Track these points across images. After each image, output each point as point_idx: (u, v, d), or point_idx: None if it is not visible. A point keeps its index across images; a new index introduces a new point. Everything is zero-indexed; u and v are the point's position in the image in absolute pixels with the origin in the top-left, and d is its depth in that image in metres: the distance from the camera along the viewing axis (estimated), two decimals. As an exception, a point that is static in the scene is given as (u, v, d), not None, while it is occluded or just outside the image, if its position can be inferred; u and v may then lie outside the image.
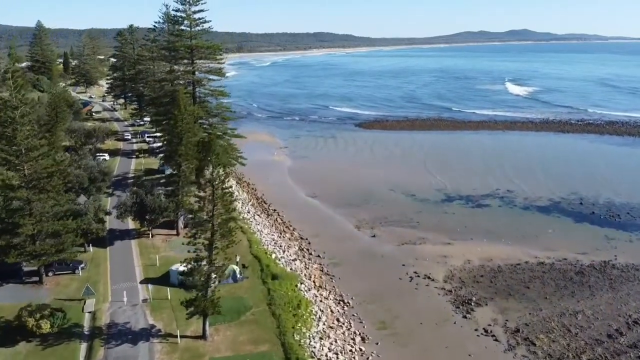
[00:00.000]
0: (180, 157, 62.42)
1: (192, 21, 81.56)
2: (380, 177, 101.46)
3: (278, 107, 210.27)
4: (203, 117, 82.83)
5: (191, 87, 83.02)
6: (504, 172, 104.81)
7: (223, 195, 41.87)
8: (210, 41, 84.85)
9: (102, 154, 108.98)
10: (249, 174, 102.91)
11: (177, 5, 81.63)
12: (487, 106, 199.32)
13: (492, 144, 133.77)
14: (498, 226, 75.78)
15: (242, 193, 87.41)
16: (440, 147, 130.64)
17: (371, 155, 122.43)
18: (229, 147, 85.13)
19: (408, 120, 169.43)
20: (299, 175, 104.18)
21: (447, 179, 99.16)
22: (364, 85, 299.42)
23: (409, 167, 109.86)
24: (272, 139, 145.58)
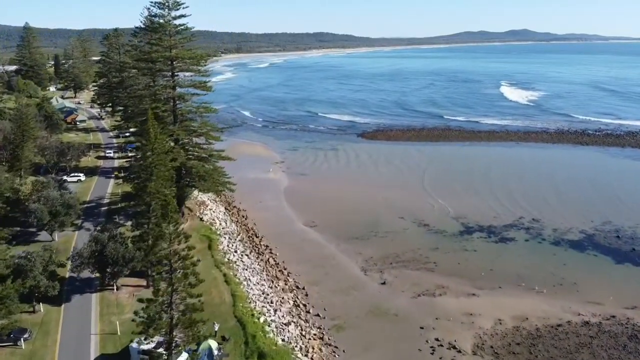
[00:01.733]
0: (150, 195, 51.36)
1: (172, 28, 70.47)
2: (387, 201, 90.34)
3: (274, 114, 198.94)
4: (185, 139, 71.68)
5: (171, 103, 72.00)
6: (526, 196, 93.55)
7: (185, 276, 30.81)
8: (193, 50, 73.61)
9: (78, 174, 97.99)
10: (240, 197, 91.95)
11: (155, 9, 70.73)
12: (494, 114, 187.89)
13: (507, 159, 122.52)
14: (528, 269, 64.69)
15: (230, 224, 76.16)
16: (452, 162, 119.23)
17: (376, 173, 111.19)
18: (216, 172, 73.97)
19: (414, 130, 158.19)
20: (296, 198, 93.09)
21: (463, 205, 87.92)
22: (364, 90, 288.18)
23: (419, 188, 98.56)
24: (268, 152, 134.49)
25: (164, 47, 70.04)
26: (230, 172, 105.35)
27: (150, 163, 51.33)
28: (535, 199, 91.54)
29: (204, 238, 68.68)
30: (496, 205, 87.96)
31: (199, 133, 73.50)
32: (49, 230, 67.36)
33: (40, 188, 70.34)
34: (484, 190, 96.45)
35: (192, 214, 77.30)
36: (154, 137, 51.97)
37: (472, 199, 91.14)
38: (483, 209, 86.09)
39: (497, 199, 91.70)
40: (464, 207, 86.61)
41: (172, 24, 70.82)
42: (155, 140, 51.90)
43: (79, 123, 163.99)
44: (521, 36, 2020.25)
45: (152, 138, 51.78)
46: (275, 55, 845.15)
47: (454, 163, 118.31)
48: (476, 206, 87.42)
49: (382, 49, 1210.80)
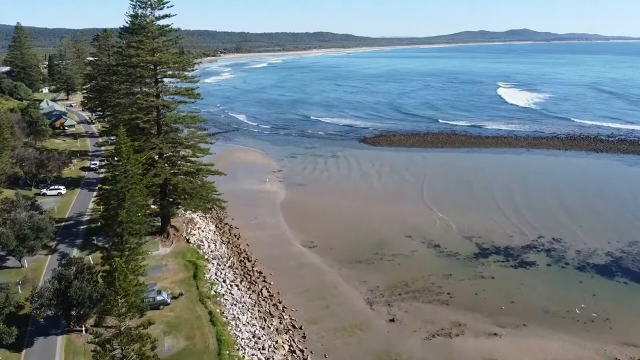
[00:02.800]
0: (121, 225, 44.19)
1: (155, 30, 63.29)
2: (393, 217, 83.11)
3: (272, 118, 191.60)
4: (169, 152, 64.44)
5: (155, 112, 64.79)
6: (543, 210, 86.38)
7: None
8: (179, 55, 66.40)
9: (58, 187, 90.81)
10: (234, 211, 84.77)
11: (136, 9, 63.36)
12: (499, 118, 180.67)
13: (519, 168, 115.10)
14: (554, 301, 57.52)
15: (220, 246, 68.86)
16: (459, 171, 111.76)
17: (379, 183, 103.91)
18: (204, 188, 66.73)
19: (418, 135, 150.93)
20: (293, 213, 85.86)
21: (476, 222, 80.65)
22: (363, 92, 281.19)
23: (427, 201, 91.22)
24: (265, 159, 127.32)
25: (146, 51, 62.84)
26: (224, 182, 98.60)
27: (122, 187, 44.17)
28: (553, 215, 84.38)
29: (190, 265, 61.47)
30: (512, 222, 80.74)
31: (185, 145, 66.28)
32: (17, 256, 60.25)
33: (8, 208, 63.14)
34: (497, 204, 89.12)
35: (178, 234, 70.11)
36: (127, 157, 44.76)
37: (485, 215, 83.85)
38: (498, 227, 78.87)
39: (512, 214, 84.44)
40: (477, 225, 79.32)
41: (155, 25, 63.63)
42: (128, 161, 44.70)
43: (68, 128, 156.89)
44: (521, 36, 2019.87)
45: (125, 157, 44.59)
46: (275, 56, 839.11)
47: (462, 172, 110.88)
48: (490, 223, 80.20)
49: (383, 48, 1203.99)
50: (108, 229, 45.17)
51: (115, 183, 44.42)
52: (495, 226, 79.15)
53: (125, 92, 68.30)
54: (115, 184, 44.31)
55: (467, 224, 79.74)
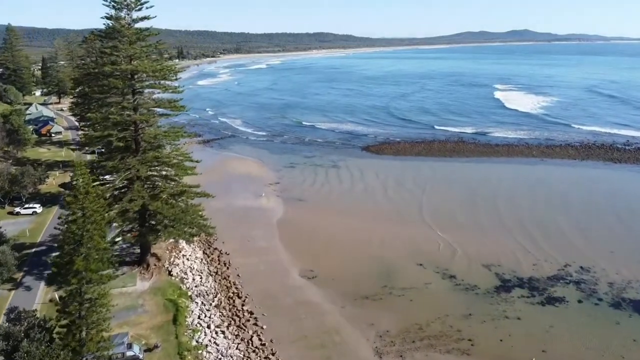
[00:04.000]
0: (78, 275, 36.16)
1: (132, 34, 55.31)
2: (401, 240, 75.06)
3: (270, 123, 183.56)
4: (148, 173, 56.30)
5: (133, 128, 56.77)
6: (566, 232, 78.20)
7: None
8: (160, 62, 58.18)
9: (34, 206, 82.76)
10: (225, 232, 76.84)
11: (110, 10, 55.40)
12: (507, 124, 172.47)
13: (535, 181, 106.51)
14: (591, 351, 49.49)
15: (207, 278, 60.69)
16: (470, 185, 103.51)
17: (385, 198, 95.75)
18: (188, 214, 58.62)
19: (424, 143, 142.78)
20: (291, 234, 77.79)
21: (493, 247, 72.45)
22: (364, 95, 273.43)
23: (438, 220, 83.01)
24: (262, 169, 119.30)
25: (121, 58, 54.89)
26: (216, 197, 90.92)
27: (78, 229, 36.15)
28: (579, 237, 76.28)
29: (170, 305, 53.38)
30: (534, 247, 72.63)
31: (167, 164, 58.19)
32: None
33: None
34: (516, 225, 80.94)
35: (160, 264, 62.02)
36: (84, 191, 36.71)
37: (503, 238, 75.70)
38: (519, 253, 70.75)
39: (532, 237, 76.30)
40: (498, 250, 71.23)
41: (132, 28, 55.63)
42: (86, 196, 36.60)
43: (54, 135, 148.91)
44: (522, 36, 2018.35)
45: (82, 192, 36.53)
46: (275, 56, 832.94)
47: (475, 186, 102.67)
48: (510, 248, 72.06)
49: (383, 49, 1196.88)
50: (62, 279, 37.23)
51: (70, 223, 36.42)
52: (517, 251, 71.08)
53: (100, 104, 60.20)
54: (71, 224, 36.33)
55: (486, 249, 71.61)
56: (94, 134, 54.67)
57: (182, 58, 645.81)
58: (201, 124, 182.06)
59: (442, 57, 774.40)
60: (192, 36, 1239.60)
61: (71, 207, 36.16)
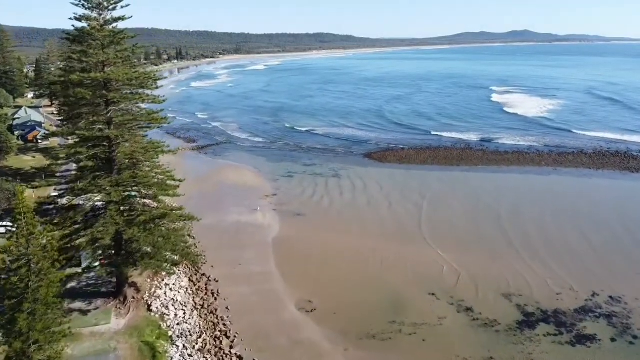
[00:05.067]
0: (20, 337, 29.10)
1: (105, 37, 48.31)
2: (411, 264, 67.90)
3: (268, 128, 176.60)
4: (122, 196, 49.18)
5: (106, 144, 49.82)
6: (590, 254, 71.02)
7: None
8: (137, 70, 51.05)
9: (8, 224, 75.57)
10: (214, 254, 69.97)
11: (80, 10, 48.40)
12: (514, 129, 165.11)
13: (550, 193, 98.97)
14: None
15: (190, 314, 53.50)
16: (482, 198, 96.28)
17: (391, 213, 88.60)
18: (169, 242, 51.53)
19: (429, 150, 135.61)
20: (288, 256, 70.72)
21: (513, 273, 65.17)
22: (367, 97, 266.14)
23: (449, 240, 75.82)
24: (258, 179, 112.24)
25: (92, 65, 47.93)
26: (207, 211, 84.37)
27: (21, 280, 29.13)
28: (604, 260, 69.22)
29: (146, 349, 46.27)
30: (555, 272, 65.51)
31: (146, 185, 51.10)
32: None
33: None
34: (535, 246, 73.73)
35: (139, 297, 54.91)
36: (28, 233, 29.61)
37: (522, 261, 68.53)
38: (540, 279, 63.63)
39: (553, 260, 69.13)
40: (518, 276, 64.02)
41: (105, 30, 48.59)
42: (30, 238, 29.50)
43: (41, 140, 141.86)
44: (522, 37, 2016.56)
45: (24, 235, 29.42)
46: (274, 57, 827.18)
47: (484, 198, 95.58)
48: (531, 274, 64.94)
49: (384, 50, 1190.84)
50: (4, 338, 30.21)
51: (11, 272, 29.39)
52: (538, 278, 63.97)
53: (71, 115, 53.18)
54: (13, 273, 29.28)
55: (504, 274, 64.56)
56: (59, 153, 47.71)
57: (181, 59, 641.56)
58: (196, 129, 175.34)
59: (442, 57, 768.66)
60: (192, 37, 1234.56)
61: (10, 252, 29.09)
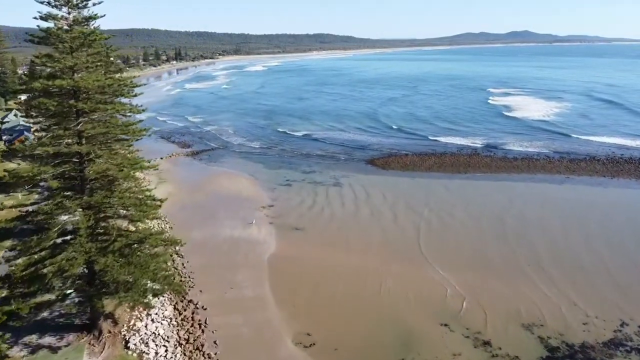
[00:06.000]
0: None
1: (74, 39, 42.21)
2: (419, 288, 61.69)
3: (266, 132, 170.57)
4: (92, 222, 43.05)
5: (77, 160, 43.71)
6: (613, 277, 64.51)
7: None
8: (112, 76, 44.81)
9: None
10: (204, 276, 64.08)
11: (47, 8, 42.30)
12: (520, 135, 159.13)
13: (564, 204, 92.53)
14: None
15: (173, 351, 47.22)
16: (494, 209, 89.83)
17: (396, 227, 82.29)
18: (148, 271, 45.33)
19: (434, 156, 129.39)
20: (285, 279, 64.49)
21: (530, 298, 58.98)
22: (368, 99, 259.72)
23: (461, 259, 69.68)
24: (254, 188, 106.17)
25: (59, 71, 41.90)
26: (198, 226, 78.73)
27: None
28: (627, 283, 63.01)
29: (120, 400, 40.31)
30: (579, 298, 59.20)
31: (121, 206, 44.99)
32: None
33: None
34: (548, 266, 67.65)
35: (115, 331, 48.71)
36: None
37: (541, 286, 62.22)
38: (562, 307, 57.49)
39: (574, 283, 62.86)
40: (534, 303, 57.94)
41: (75, 31, 42.51)
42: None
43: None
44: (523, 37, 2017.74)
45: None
46: (274, 58, 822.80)
47: (494, 210, 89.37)
48: (552, 300, 58.71)
49: (384, 50, 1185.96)
50: None
51: None
52: (558, 305, 57.81)
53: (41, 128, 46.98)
54: None
55: (522, 301, 58.44)
56: (20, 172, 41.53)
57: (180, 60, 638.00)
58: (190, 133, 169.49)
59: (443, 58, 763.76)
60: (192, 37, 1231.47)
61: None
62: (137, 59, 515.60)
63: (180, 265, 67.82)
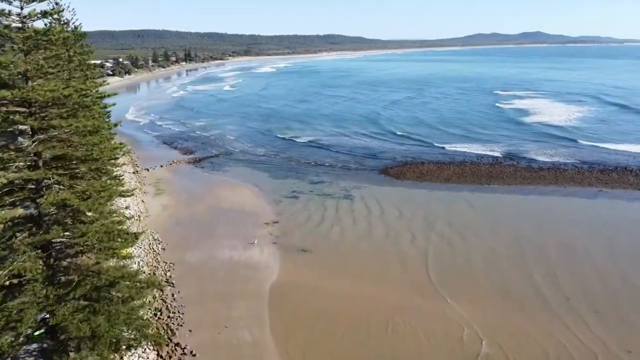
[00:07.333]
0: None
1: (26, 38, 34.16)
2: (432, 328, 53.17)
3: (271, 138, 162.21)
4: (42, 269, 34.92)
5: (33, 186, 35.61)
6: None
7: None
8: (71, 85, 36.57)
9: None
10: (194, 311, 55.81)
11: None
12: (542, 143, 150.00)
13: (598, 223, 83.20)
14: None
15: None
16: (526, 230, 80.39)
17: (414, 250, 73.41)
18: (118, 322, 37.04)
19: (454, 164, 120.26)
20: (287, 316, 55.72)
21: (564, 342, 50.17)
22: (380, 101, 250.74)
23: (478, 292, 60.72)
24: (257, 200, 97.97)
25: (7, 78, 33.87)
26: (196, 242, 71.02)
27: None
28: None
29: None
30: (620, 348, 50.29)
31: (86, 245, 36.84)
32: None
33: None
34: (589, 304, 58.42)
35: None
36: None
37: (574, 328, 53.21)
38: (589, 352, 48.51)
39: (618, 326, 54.01)
40: (564, 348, 49.00)
41: (28, 30, 34.49)
42: None
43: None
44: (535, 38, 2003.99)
45: None
46: (284, 59, 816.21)
47: (522, 230, 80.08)
48: (586, 347, 49.79)
49: (394, 51, 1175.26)
50: None
51: None
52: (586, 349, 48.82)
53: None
54: None
55: (550, 344, 49.44)
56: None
57: (190, 61, 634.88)
58: (194, 138, 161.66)
59: (454, 59, 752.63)
60: (202, 38, 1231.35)
61: None
62: (146, 60, 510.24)
63: (170, 296, 59.68)
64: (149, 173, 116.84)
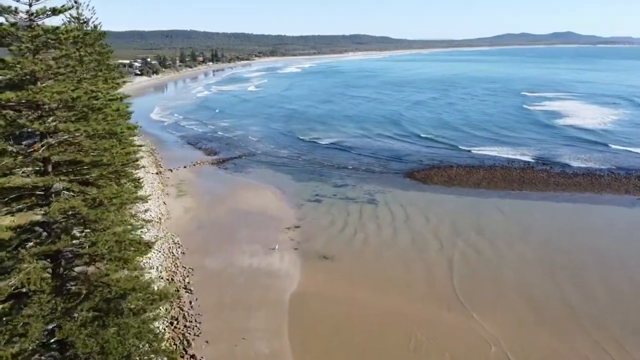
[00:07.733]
0: None
1: (35, 36, 32.55)
2: (456, 345, 49.93)
3: (295, 139, 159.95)
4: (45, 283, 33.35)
5: (42, 193, 34.08)
6: None
7: None
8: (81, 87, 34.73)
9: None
10: (211, 320, 53.80)
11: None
12: (576, 148, 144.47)
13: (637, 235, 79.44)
14: None
15: None
16: (551, 238, 76.62)
17: (442, 259, 69.88)
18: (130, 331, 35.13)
19: (483, 169, 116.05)
20: (307, 327, 53.18)
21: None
22: (403, 102, 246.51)
23: (508, 307, 57.24)
24: (279, 203, 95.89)
25: (15, 79, 32.33)
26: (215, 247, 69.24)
27: None
28: None
29: None
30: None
31: (97, 255, 35.05)
32: None
33: None
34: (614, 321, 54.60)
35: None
36: None
37: (611, 350, 49.45)
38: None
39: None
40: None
41: (36, 28, 32.84)
42: None
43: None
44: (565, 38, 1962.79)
45: None
46: (309, 59, 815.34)
47: (555, 242, 76.06)
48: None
49: (420, 51, 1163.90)
50: None
51: None
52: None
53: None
54: None
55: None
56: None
57: (217, 61, 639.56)
58: (218, 138, 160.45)
59: (483, 60, 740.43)
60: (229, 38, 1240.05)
61: None
62: (173, 60, 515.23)
63: (187, 303, 57.87)
64: (172, 174, 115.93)
